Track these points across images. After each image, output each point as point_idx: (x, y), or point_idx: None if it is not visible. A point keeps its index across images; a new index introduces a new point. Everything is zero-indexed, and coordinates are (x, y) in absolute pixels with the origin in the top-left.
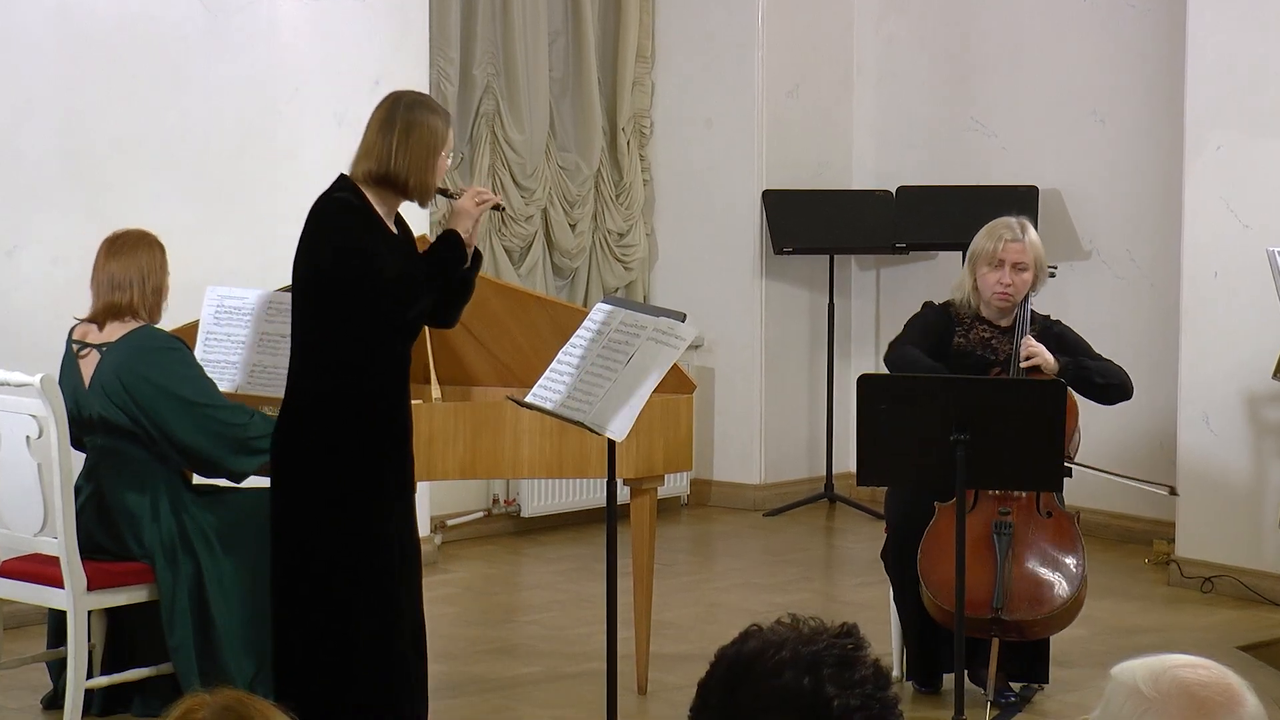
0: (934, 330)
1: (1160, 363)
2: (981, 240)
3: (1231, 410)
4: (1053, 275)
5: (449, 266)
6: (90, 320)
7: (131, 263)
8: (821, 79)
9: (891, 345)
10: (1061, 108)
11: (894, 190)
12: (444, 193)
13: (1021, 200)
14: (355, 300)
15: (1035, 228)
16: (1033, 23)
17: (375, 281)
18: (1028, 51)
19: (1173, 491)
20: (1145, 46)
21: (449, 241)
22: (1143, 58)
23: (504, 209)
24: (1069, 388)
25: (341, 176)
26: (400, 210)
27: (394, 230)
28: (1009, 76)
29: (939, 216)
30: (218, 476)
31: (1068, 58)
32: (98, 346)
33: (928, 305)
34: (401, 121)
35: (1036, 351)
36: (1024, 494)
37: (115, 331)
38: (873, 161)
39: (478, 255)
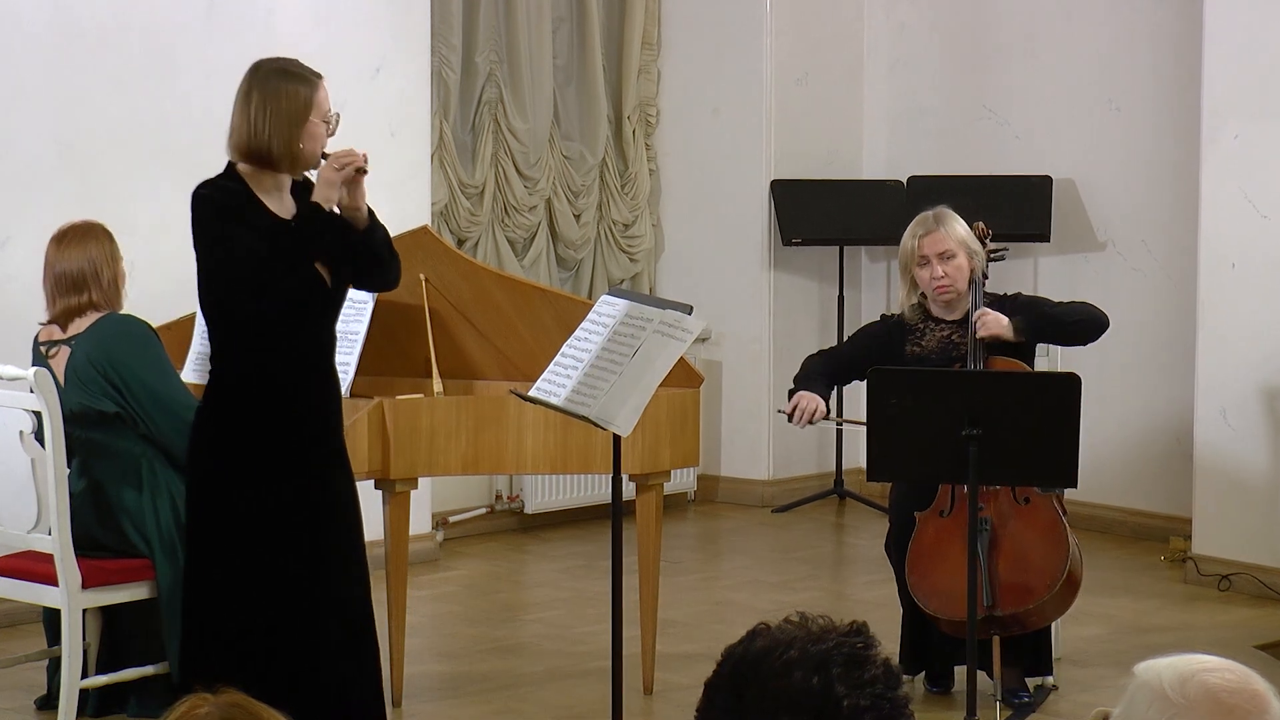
0: (877, 341)
1: (1177, 356)
2: (903, 244)
3: (1250, 405)
4: (1001, 258)
5: (312, 240)
6: (52, 323)
7: (81, 258)
8: (831, 66)
9: (816, 353)
10: (1076, 96)
11: (905, 180)
12: (326, 158)
13: (1035, 190)
14: (221, 291)
15: (1049, 218)
16: (1047, 9)
17: (228, 271)
18: (1042, 38)
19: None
20: (1162, 33)
21: (307, 214)
22: (1159, 45)
23: (366, 172)
24: (1039, 343)
25: (229, 165)
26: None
27: (280, 210)
28: (1023, 64)
29: (951, 207)
30: (176, 469)
31: (1083, 45)
32: (66, 341)
33: (882, 317)
34: (259, 93)
35: (985, 320)
36: (997, 487)
37: (80, 325)
38: (883, 151)
39: (374, 216)
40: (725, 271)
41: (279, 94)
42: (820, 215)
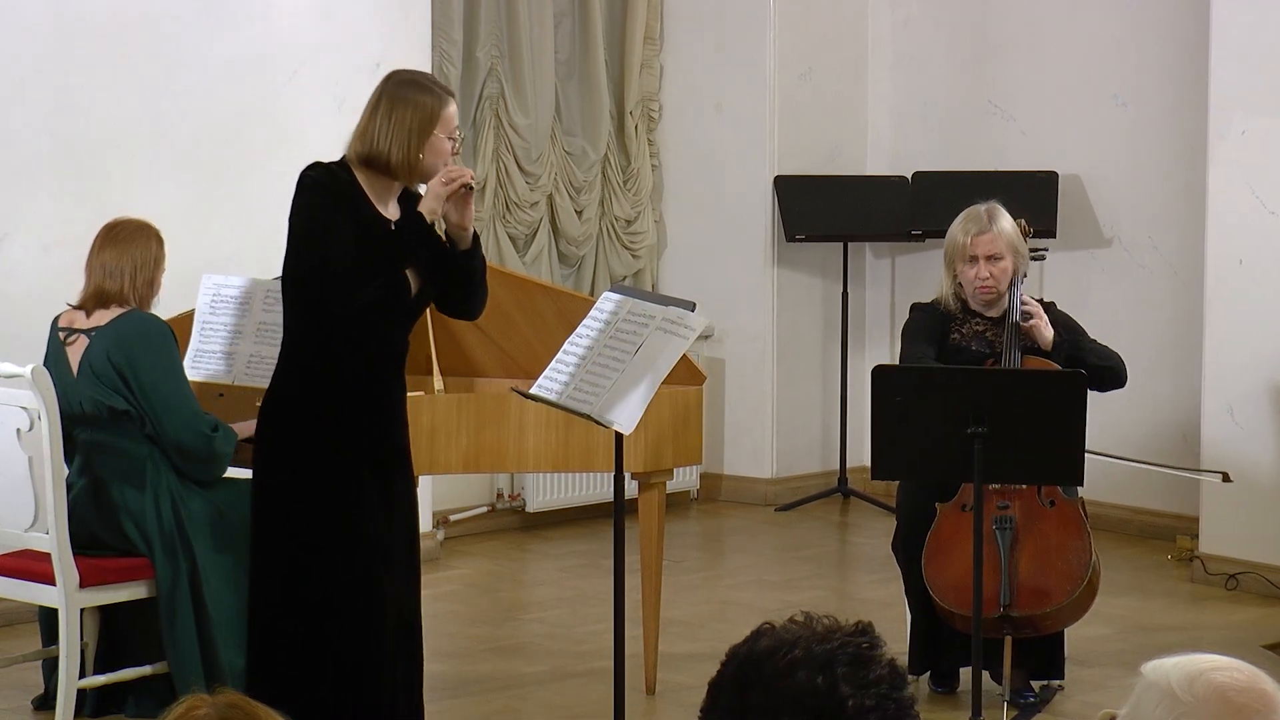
0: (934, 330)
1: (1183, 353)
2: (952, 236)
3: (1256, 401)
4: (1041, 258)
5: (411, 246)
6: (78, 307)
7: (125, 253)
8: (835, 61)
9: (902, 358)
10: (1082, 91)
11: (909, 176)
12: None
13: (1041, 186)
14: (308, 284)
15: (1055, 215)
16: (1053, 3)
17: (321, 265)
18: (1048, 33)
19: (1226, 478)
20: (1168, 27)
21: (409, 220)
22: (1165, 39)
23: (474, 188)
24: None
25: (343, 158)
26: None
27: (384, 211)
28: (1028, 58)
29: (956, 203)
30: (182, 475)
31: (1089, 39)
32: (86, 331)
33: (916, 308)
34: (386, 100)
35: (1037, 311)
36: (1024, 486)
37: (103, 317)
38: (888, 146)
39: (478, 240)
40: (728, 268)
41: (405, 103)
42: (824, 211)
